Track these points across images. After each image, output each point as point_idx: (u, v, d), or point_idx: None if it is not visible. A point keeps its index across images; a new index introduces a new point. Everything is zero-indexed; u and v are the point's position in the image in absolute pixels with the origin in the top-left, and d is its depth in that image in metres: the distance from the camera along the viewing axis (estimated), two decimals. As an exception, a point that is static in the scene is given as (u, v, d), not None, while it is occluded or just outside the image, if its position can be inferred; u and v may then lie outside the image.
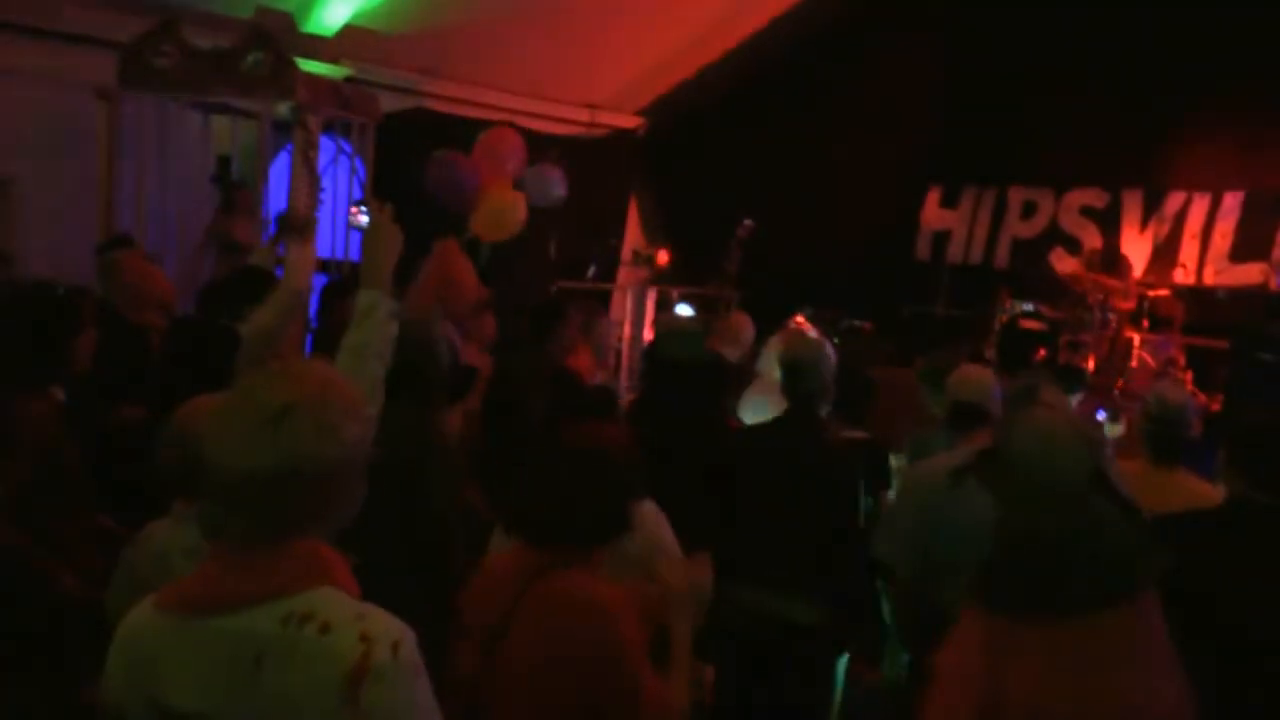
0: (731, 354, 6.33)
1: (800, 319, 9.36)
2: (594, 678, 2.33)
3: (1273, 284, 9.37)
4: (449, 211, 7.55)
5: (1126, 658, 1.58)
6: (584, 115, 11.54)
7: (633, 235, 12.23)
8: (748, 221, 10.34)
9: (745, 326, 6.62)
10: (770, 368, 5.88)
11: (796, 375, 4.23)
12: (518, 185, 8.23)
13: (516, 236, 8.84)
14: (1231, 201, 10.46)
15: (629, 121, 12.01)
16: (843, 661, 4.39)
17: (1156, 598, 1.66)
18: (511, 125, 9.77)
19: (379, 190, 8.50)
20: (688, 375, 4.36)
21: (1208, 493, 4.00)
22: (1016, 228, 11.90)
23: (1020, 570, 1.60)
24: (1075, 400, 6.25)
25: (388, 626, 1.67)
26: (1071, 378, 6.21)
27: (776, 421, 4.34)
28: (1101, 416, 6.68)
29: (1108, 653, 1.57)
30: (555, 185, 8.46)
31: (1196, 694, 1.64)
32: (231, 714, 1.64)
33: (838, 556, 4.03)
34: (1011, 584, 1.62)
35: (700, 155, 11.70)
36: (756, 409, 5.29)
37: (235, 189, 7.54)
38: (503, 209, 7.79)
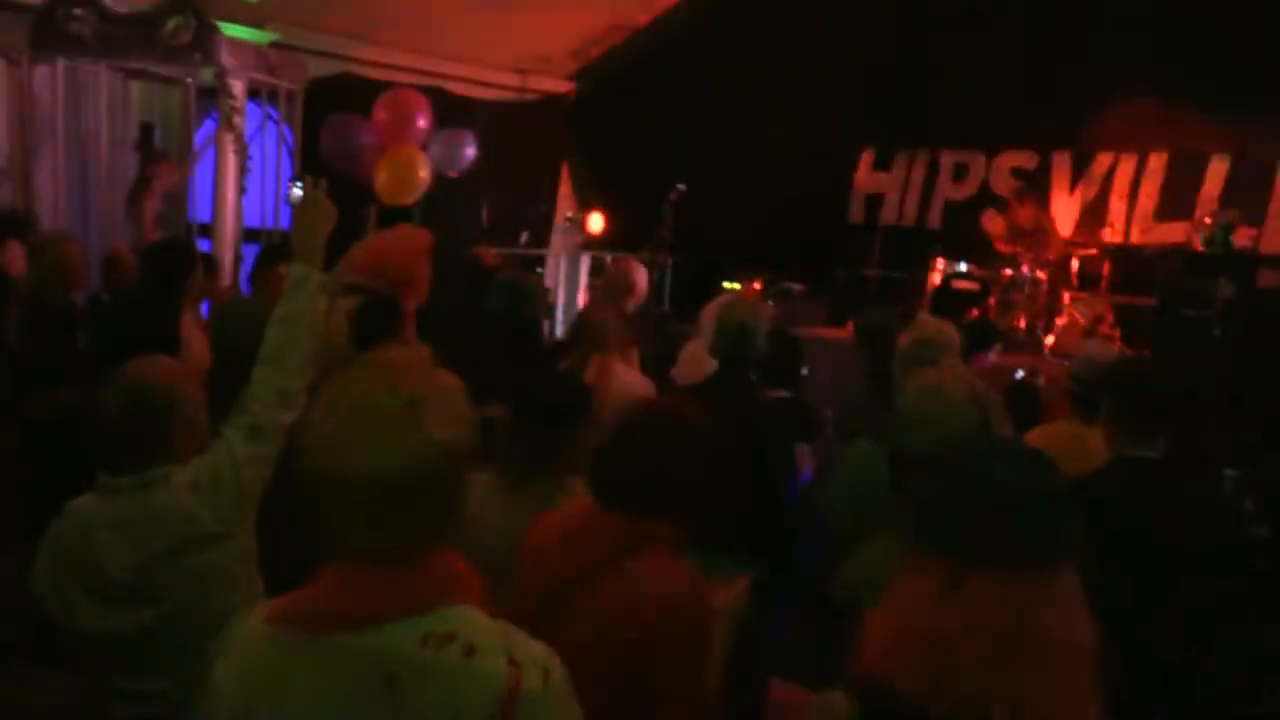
0: (626, 306, 6.06)
1: (758, 284, 9.42)
2: (669, 650, 2.31)
3: (1195, 242, 9.55)
4: (346, 178, 7.44)
5: (1062, 601, 1.61)
6: (514, 80, 11.44)
7: (565, 201, 12.17)
8: (680, 186, 10.33)
9: (638, 277, 6.26)
10: (710, 329, 5.83)
11: (731, 339, 4.24)
12: (425, 148, 8.14)
13: (449, 203, 8.77)
14: (1156, 162, 10.63)
15: (560, 86, 11.93)
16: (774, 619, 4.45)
17: None
18: (442, 90, 9.70)
19: (307, 157, 8.39)
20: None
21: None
22: (948, 190, 12.02)
23: (976, 523, 1.61)
24: (991, 355, 6.31)
25: (535, 651, 1.60)
26: (983, 334, 6.28)
27: (708, 383, 4.35)
28: (1020, 375, 6.78)
29: (1045, 597, 1.60)
30: (464, 149, 8.33)
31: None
32: None
33: (768, 516, 4.07)
34: (963, 535, 1.62)
35: (632, 119, 11.65)
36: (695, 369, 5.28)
37: (150, 161, 7.38)
38: (404, 171, 7.66)
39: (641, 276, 6.22)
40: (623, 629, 2.32)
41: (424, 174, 7.80)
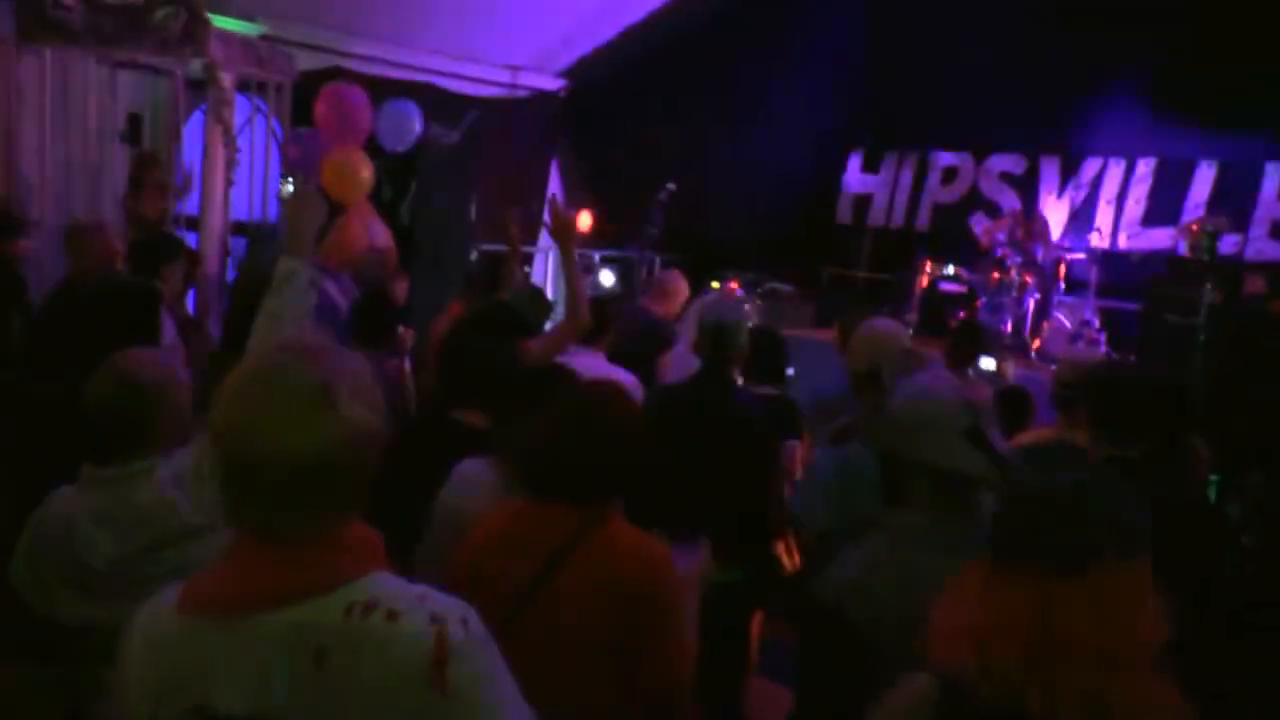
0: (661, 311, 6.32)
1: (734, 284, 9.42)
2: (640, 614, 2.40)
3: (1181, 248, 9.60)
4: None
5: (1098, 604, 1.65)
6: (505, 77, 11.40)
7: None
8: (670, 185, 10.33)
9: (677, 284, 6.56)
10: (693, 328, 5.89)
11: (711, 337, 4.23)
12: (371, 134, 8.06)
13: (439, 198, 8.74)
14: (1144, 168, 10.69)
15: (551, 83, 11.90)
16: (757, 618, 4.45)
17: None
18: (433, 85, 9.67)
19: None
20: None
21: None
22: (937, 192, 12.07)
23: (1041, 526, 1.67)
24: (994, 362, 6.31)
25: (450, 604, 1.63)
26: (975, 340, 6.27)
27: (690, 381, 4.35)
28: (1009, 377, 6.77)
29: (1073, 599, 1.64)
30: (409, 122, 8.23)
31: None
32: (289, 713, 1.56)
33: (753, 514, 4.06)
34: (992, 537, 1.69)
35: (623, 117, 11.64)
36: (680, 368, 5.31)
37: (142, 166, 7.36)
38: (344, 170, 7.58)
39: (682, 287, 6.42)
40: (602, 595, 2.40)
41: (366, 174, 7.68)
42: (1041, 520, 1.66)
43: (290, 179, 7.25)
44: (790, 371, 5.32)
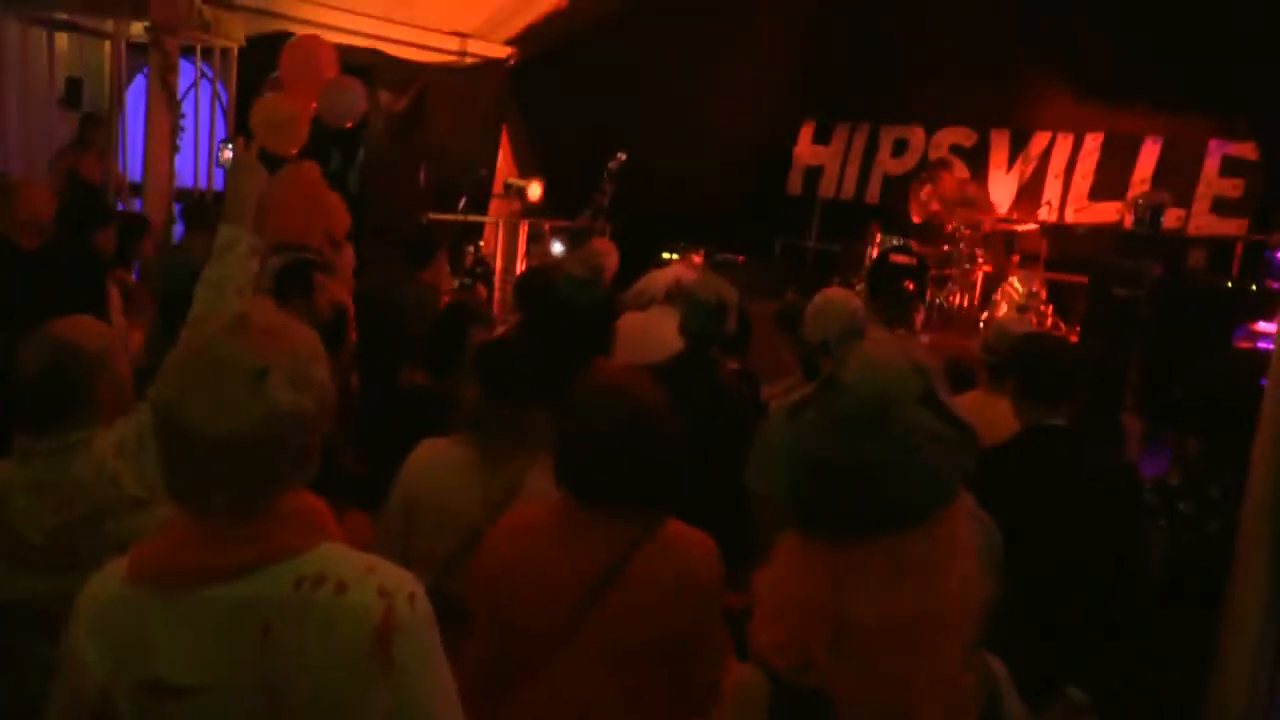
0: None
1: (697, 258, 9.42)
2: (709, 607, 2.40)
3: (1127, 222, 9.71)
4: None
5: (935, 566, 1.59)
6: (453, 44, 11.28)
7: (504, 167, 12.06)
8: (620, 154, 10.29)
9: (608, 254, 6.46)
10: (652, 300, 5.84)
11: (700, 316, 4.12)
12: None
13: (387, 166, 8.66)
14: (1092, 143, 10.79)
15: (499, 51, 11.78)
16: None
17: (965, 510, 1.68)
18: (380, 52, 9.56)
19: (242, 116, 8.22)
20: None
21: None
22: (888, 164, 12.11)
23: (835, 494, 1.60)
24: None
25: (400, 578, 1.64)
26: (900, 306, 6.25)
27: (670, 363, 4.28)
28: None
29: (916, 563, 1.55)
30: (353, 101, 8.05)
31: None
32: (237, 684, 1.57)
33: (726, 492, 4.05)
34: (829, 507, 1.62)
35: (572, 86, 11.54)
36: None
37: (90, 125, 7.22)
38: (280, 119, 7.36)
39: (612, 256, 6.34)
40: (675, 593, 2.36)
41: (299, 130, 7.46)
42: (827, 487, 1.61)
43: (232, 144, 7.12)
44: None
